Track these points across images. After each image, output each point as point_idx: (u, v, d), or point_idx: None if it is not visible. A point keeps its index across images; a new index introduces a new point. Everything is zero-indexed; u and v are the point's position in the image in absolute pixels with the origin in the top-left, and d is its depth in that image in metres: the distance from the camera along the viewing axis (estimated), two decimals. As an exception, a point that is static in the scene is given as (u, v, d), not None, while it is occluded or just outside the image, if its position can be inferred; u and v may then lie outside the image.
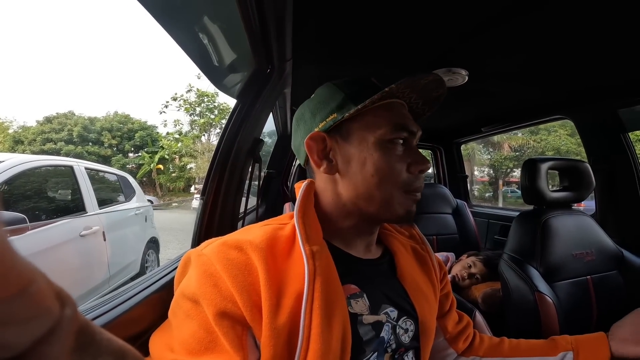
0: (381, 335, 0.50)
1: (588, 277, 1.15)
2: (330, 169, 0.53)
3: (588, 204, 1.70)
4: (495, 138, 16.86)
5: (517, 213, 1.40)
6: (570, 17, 0.84)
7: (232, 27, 0.68)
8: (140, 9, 0.53)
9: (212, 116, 22.28)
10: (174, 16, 0.65)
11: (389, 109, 0.52)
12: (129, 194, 3.72)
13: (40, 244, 2.14)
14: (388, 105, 0.53)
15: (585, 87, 1.35)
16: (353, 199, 0.52)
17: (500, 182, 19.14)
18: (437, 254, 0.72)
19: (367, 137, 0.51)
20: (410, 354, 0.54)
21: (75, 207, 2.70)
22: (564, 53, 1.05)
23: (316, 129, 0.54)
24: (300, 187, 0.54)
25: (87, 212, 2.72)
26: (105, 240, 2.79)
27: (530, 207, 1.33)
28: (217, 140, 0.88)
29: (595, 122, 1.52)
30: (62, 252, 2.32)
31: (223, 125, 0.91)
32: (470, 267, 1.59)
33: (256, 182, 1.15)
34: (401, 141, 0.52)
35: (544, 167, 1.25)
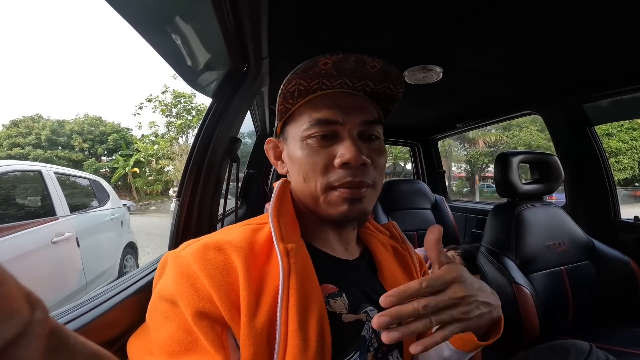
0: (362, 334, 0.50)
1: (562, 267, 1.20)
2: (282, 169, 0.58)
3: (559, 197, 1.76)
4: (471, 134, 17.39)
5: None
6: (539, 15, 0.87)
7: (206, 25, 0.67)
8: (110, 10, 0.51)
9: (190, 117, 21.74)
10: (144, 16, 0.63)
11: (312, 104, 0.52)
12: (103, 198, 3.61)
13: (9, 251, 2.07)
14: (312, 100, 0.52)
15: (552, 83, 1.41)
16: (300, 196, 0.54)
17: (477, 178, 19.73)
18: (418, 250, 0.72)
19: (296, 135, 0.52)
20: (396, 353, 0.54)
21: (46, 213, 2.61)
22: (533, 50, 1.09)
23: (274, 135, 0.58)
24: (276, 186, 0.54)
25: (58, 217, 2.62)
26: (79, 246, 2.71)
27: (505, 200, 1.38)
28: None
29: (562, 116, 1.58)
30: (33, 259, 2.25)
31: (202, 126, 0.89)
32: (449, 260, 1.62)
33: (235, 183, 1.13)
34: (324, 135, 0.50)
35: (516, 160, 1.30)
